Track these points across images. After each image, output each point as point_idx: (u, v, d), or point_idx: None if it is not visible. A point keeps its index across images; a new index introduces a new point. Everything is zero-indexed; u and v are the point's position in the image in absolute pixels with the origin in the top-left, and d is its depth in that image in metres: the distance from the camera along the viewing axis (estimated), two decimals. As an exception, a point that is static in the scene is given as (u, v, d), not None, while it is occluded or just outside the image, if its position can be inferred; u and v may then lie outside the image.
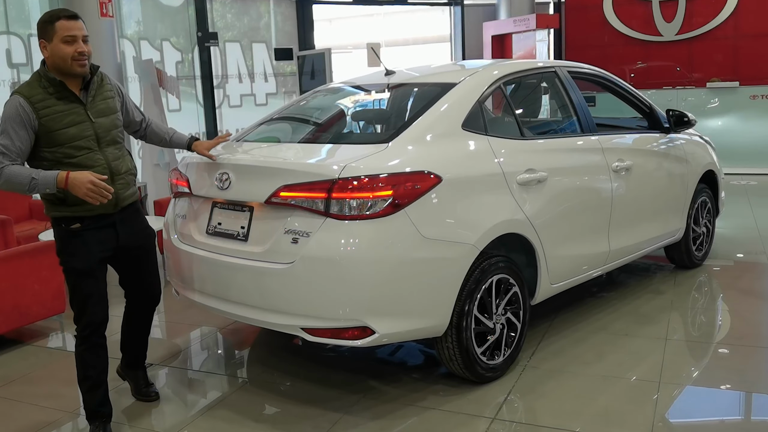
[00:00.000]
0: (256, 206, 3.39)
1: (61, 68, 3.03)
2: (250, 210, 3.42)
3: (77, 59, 3.02)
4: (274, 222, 3.28)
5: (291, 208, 3.22)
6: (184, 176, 3.79)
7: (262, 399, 3.62)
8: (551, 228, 3.82)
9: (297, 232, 3.17)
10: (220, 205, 3.59)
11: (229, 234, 3.49)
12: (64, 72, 3.04)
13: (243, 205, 3.45)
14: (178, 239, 3.82)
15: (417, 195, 3.17)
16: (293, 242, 3.17)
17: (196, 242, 3.65)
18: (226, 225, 3.52)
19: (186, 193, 3.80)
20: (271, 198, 3.25)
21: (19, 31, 6.94)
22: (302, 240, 3.14)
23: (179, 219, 3.86)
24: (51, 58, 3.03)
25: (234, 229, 3.47)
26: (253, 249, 3.34)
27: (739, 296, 4.97)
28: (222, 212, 3.57)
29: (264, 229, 3.33)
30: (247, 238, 3.40)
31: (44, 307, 4.66)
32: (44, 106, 2.99)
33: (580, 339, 4.14)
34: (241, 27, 9.72)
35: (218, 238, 3.54)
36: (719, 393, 3.50)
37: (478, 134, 3.63)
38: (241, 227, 3.43)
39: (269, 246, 3.27)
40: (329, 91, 4.67)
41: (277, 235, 3.24)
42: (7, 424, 3.48)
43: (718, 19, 11.60)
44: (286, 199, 3.21)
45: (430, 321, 3.29)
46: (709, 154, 5.51)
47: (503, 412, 3.32)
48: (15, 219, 5.93)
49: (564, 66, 4.56)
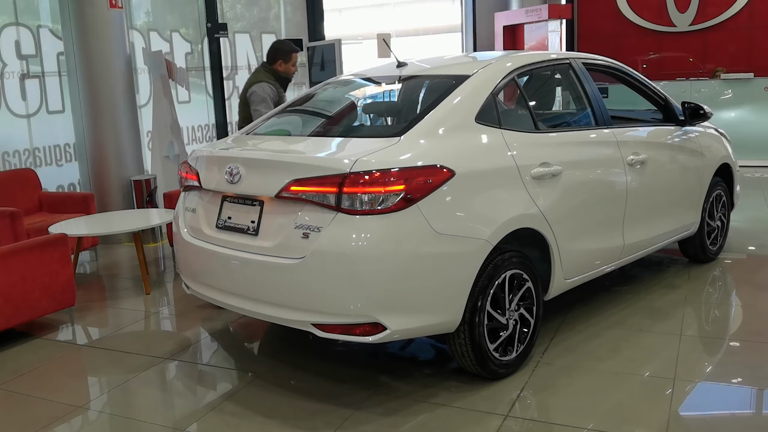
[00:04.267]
0: (266, 200, 3.35)
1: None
2: (260, 204, 3.38)
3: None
4: (285, 217, 3.25)
5: (302, 203, 3.18)
6: (194, 170, 3.76)
7: (273, 394, 3.60)
8: (565, 222, 3.77)
9: (308, 227, 3.13)
10: (230, 199, 3.56)
11: (239, 228, 3.46)
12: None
13: (253, 200, 3.42)
14: (188, 233, 3.79)
15: (429, 189, 3.13)
16: (304, 237, 3.13)
17: (206, 236, 3.63)
18: (236, 219, 3.49)
19: (196, 187, 3.77)
20: (281, 192, 3.21)
21: (28, 22, 6.91)
22: (313, 235, 3.10)
23: (189, 213, 3.83)
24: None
25: (244, 223, 3.44)
26: (263, 243, 3.31)
27: (753, 291, 4.90)
28: (232, 206, 3.54)
29: (274, 223, 3.30)
30: (257, 233, 3.36)
31: (54, 300, 4.65)
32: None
33: (594, 335, 4.09)
34: (251, 18, 9.66)
35: (228, 233, 3.51)
36: (734, 389, 3.46)
37: (492, 127, 3.57)
38: (252, 221, 3.40)
39: (280, 241, 3.23)
40: (340, 83, 4.62)
41: (288, 229, 3.20)
42: (17, 417, 3.47)
43: (733, 9, 11.46)
44: (297, 194, 3.17)
45: (442, 317, 3.25)
46: (724, 146, 5.43)
47: (516, 409, 3.28)
48: (25, 212, 5.93)
49: (578, 57, 4.49)
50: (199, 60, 8.77)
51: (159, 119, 7.37)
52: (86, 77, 6.82)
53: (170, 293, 5.49)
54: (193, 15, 8.68)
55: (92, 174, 7.07)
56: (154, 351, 4.23)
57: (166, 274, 6.03)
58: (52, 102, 7.15)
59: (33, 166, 6.94)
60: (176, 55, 8.42)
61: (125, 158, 7.09)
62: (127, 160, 7.11)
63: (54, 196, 6.69)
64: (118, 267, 6.31)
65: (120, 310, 5.10)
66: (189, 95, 8.63)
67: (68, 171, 7.30)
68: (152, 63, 7.45)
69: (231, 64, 9.18)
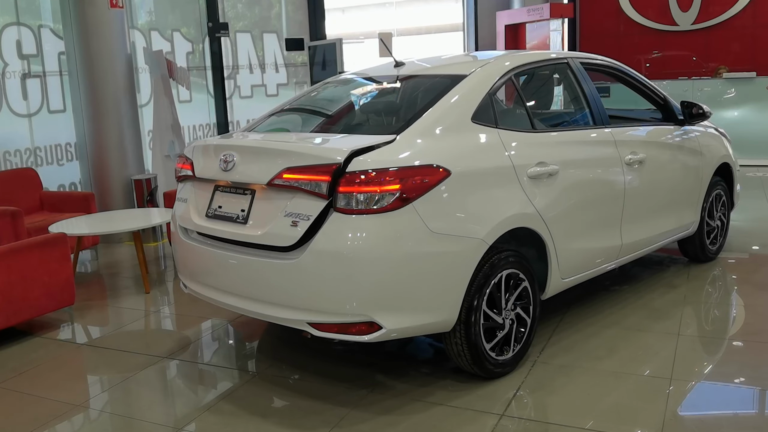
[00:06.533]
0: (258, 189, 3.37)
1: None
2: (251, 193, 3.40)
3: None
4: (275, 205, 3.25)
5: (293, 192, 3.19)
6: (189, 160, 3.79)
7: (270, 393, 3.61)
8: (562, 222, 3.77)
9: (297, 215, 3.14)
10: (221, 189, 3.57)
11: (229, 217, 3.47)
12: None
13: (245, 188, 3.43)
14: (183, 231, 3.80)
15: (425, 189, 3.13)
16: (293, 225, 3.14)
17: (195, 225, 3.65)
18: (226, 208, 3.51)
19: (189, 176, 3.78)
20: (274, 180, 3.22)
21: (29, 22, 6.93)
22: (302, 223, 3.11)
23: (180, 203, 3.85)
24: None
25: (234, 211, 3.45)
26: (251, 232, 3.32)
27: (753, 290, 4.89)
28: (223, 195, 3.56)
29: (264, 211, 3.31)
30: (246, 221, 3.38)
31: (54, 299, 4.67)
32: None
33: (592, 334, 4.09)
34: (252, 17, 9.67)
35: (217, 221, 3.53)
36: (732, 389, 3.45)
37: (488, 127, 3.57)
38: (241, 210, 3.41)
39: (268, 229, 3.24)
40: (339, 83, 4.63)
41: (277, 217, 3.21)
42: (15, 416, 3.49)
43: (736, 8, 11.44)
44: (290, 181, 3.17)
45: (438, 316, 3.25)
46: (724, 146, 5.42)
47: (512, 408, 3.29)
48: (26, 211, 5.95)
49: (576, 57, 4.49)
50: (200, 59, 8.78)
51: (160, 119, 7.39)
52: (87, 77, 6.84)
53: (170, 292, 5.50)
54: (194, 14, 8.70)
55: (93, 173, 7.09)
56: (153, 350, 4.25)
57: (167, 273, 6.04)
58: (53, 101, 7.17)
59: (34, 165, 6.96)
60: (177, 55, 8.43)
61: (126, 157, 7.11)
62: (128, 159, 7.13)
63: (55, 196, 6.71)
64: (119, 266, 6.33)
65: (119, 309, 5.11)
66: (190, 94, 8.65)
67: (69, 170, 7.32)
68: (153, 62, 7.46)
69: (232, 64, 9.20)
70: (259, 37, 9.59)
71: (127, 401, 3.65)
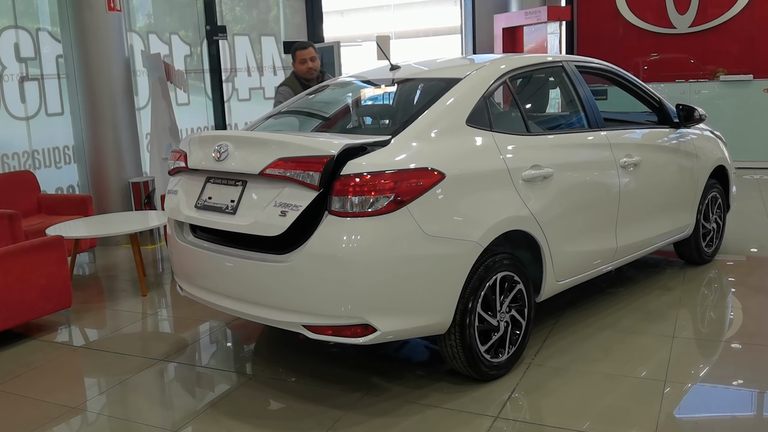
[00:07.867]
0: (249, 180, 3.37)
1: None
2: (243, 184, 3.40)
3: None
4: (266, 195, 3.25)
5: (284, 182, 3.18)
6: (183, 152, 3.79)
7: (266, 395, 3.62)
8: (557, 225, 3.78)
9: (287, 205, 3.14)
10: (213, 180, 3.58)
11: (218, 207, 3.47)
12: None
13: (237, 179, 3.44)
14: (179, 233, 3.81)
15: (420, 192, 3.14)
16: (281, 215, 3.14)
17: (185, 216, 3.65)
18: (216, 199, 3.51)
19: (182, 169, 3.79)
20: (266, 169, 3.22)
21: (27, 25, 6.94)
22: (291, 213, 3.11)
23: (170, 195, 3.85)
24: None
25: (223, 202, 3.46)
26: (239, 222, 3.33)
27: (749, 293, 4.91)
28: (214, 186, 3.56)
29: (254, 202, 3.32)
30: (235, 212, 3.38)
31: (51, 302, 4.68)
32: None
33: (587, 336, 4.10)
34: (250, 20, 9.69)
35: (206, 212, 3.53)
36: (727, 391, 3.46)
37: (483, 130, 3.59)
38: (231, 200, 3.42)
39: (256, 218, 3.25)
40: (336, 86, 4.64)
41: (267, 208, 3.21)
42: (12, 418, 3.50)
43: (733, 10, 11.45)
44: (282, 170, 3.17)
45: (432, 319, 3.26)
46: (719, 149, 5.44)
47: (507, 410, 3.30)
48: (24, 213, 5.96)
49: (572, 60, 4.50)
50: (198, 62, 8.80)
51: (157, 121, 7.39)
52: (85, 80, 6.85)
53: (167, 295, 5.51)
54: (192, 17, 8.71)
55: (91, 176, 7.10)
56: (150, 352, 4.26)
57: (164, 275, 6.05)
58: (51, 104, 7.18)
59: (32, 168, 6.97)
60: (175, 58, 8.44)
61: (124, 160, 7.11)
62: (126, 162, 7.14)
63: (53, 198, 6.72)
64: (116, 269, 6.34)
65: (117, 312, 5.12)
66: (188, 97, 8.66)
67: (67, 173, 7.34)
68: (151, 65, 7.47)
69: (230, 67, 9.21)
70: (257, 40, 9.60)
71: (124, 404, 3.66)
